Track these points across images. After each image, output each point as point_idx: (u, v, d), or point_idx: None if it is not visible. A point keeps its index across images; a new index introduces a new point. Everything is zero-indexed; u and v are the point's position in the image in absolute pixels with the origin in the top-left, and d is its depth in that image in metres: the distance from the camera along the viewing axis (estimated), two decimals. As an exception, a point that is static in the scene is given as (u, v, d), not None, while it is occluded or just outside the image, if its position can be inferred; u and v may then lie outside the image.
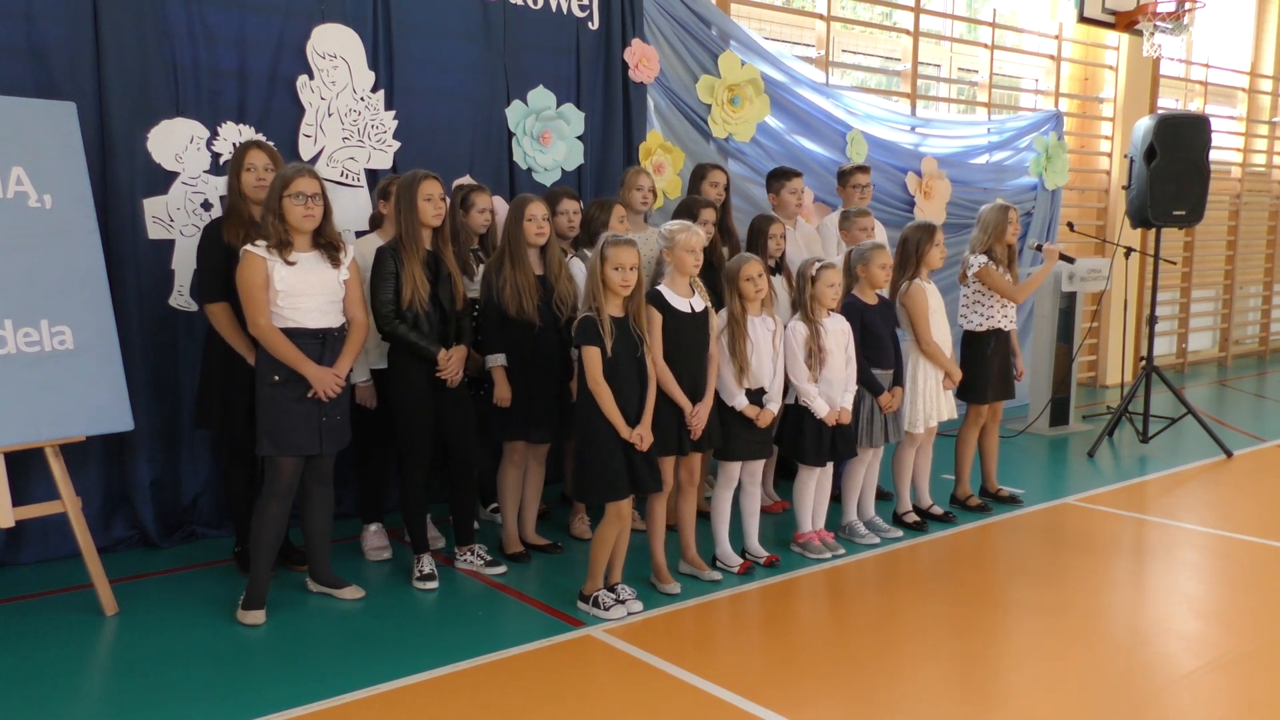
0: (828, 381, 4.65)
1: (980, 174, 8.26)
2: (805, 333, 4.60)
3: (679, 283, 4.23)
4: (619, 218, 4.88)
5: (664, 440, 4.18)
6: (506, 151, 5.64)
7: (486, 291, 4.48)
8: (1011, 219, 5.33)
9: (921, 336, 5.02)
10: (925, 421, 5.07)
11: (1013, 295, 5.34)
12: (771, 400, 4.50)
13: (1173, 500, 5.96)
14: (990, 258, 5.35)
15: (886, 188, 7.43)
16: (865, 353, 4.81)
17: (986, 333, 5.40)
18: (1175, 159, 6.88)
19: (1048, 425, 7.44)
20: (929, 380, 5.08)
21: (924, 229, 5.04)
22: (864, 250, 4.87)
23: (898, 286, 5.06)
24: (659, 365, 4.13)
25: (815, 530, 4.83)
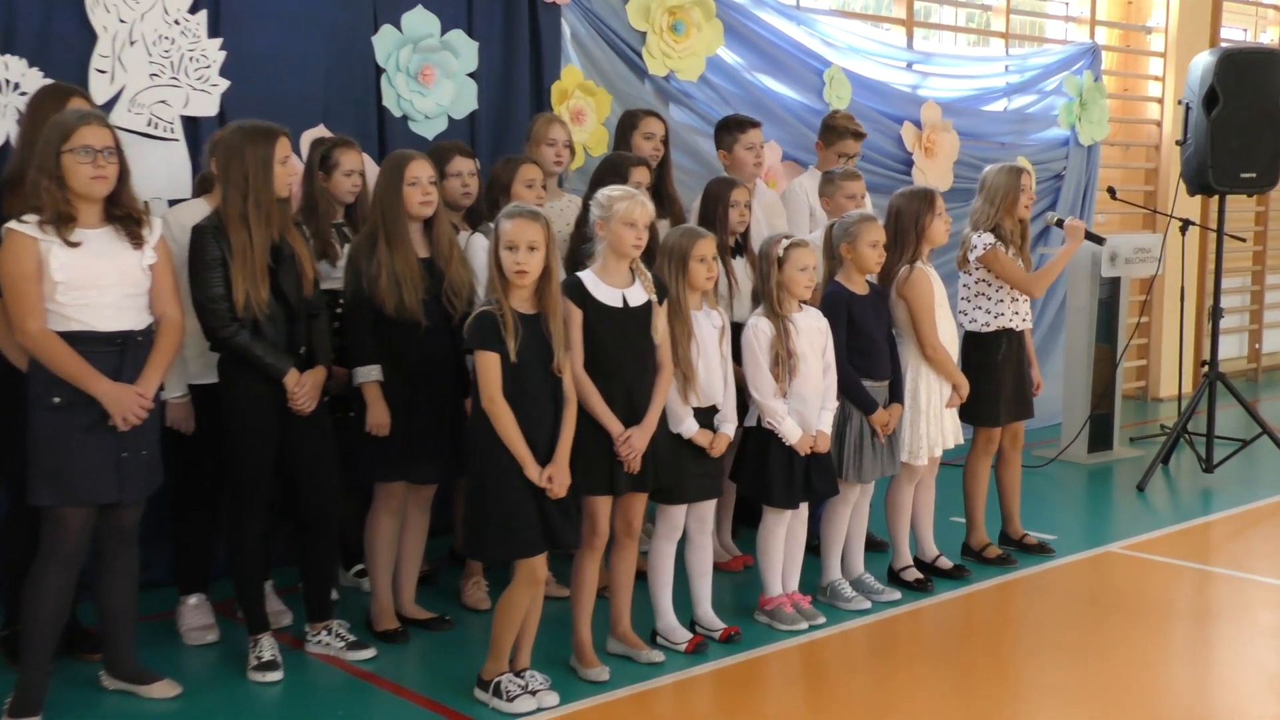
0: (800, 397, 4.66)
1: (996, 125, 8.42)
2: (770, 332, 4.62)
3: (613, 267, 4.22)
4: (526, 181, 4.88)
5: (592, 477, 4.17)
6: (374, 94, 5.61)
7: (354, 282, 4.43)
8: (1024, 185, 5.41)
9: (926, 338, 5.07)
10: (929, 449, 5.13)
11: (1027, 286, 5.41)
12: (726, 420, 4.52)
13: (1245, 546, 6.12)
14: (998, 237, 5.42)
15: (876, 142, 7.51)
16: (852, 358, 4.85)
17: (995, 334, 5.47)
18: (1243, 106, 7.08)
19: (1086, 451, 7.60)
20: (933, 395, 5.13)
21: (921, 197, 5.10)
22: (850, 224, 4.90)
23: (892, 271, 5.11)
24: (578, 378, 4.13)
25: (787, 593, 4.84)
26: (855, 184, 5.50)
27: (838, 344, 4.78)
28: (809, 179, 6.02)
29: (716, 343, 4.48)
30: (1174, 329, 9.10)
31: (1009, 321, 5.45)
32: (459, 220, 4.91)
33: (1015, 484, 5.73)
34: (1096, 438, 7.62)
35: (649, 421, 4.22)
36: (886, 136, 7.61)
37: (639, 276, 4.27)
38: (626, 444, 4.17)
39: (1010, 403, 5.49)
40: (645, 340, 4.24)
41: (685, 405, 4.40)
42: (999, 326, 5.45)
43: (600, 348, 4.16)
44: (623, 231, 4.16)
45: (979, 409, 5.42)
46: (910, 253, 5.08)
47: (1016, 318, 5.48)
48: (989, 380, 5.42)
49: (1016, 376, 5.51)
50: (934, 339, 5.05)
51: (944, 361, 5.09)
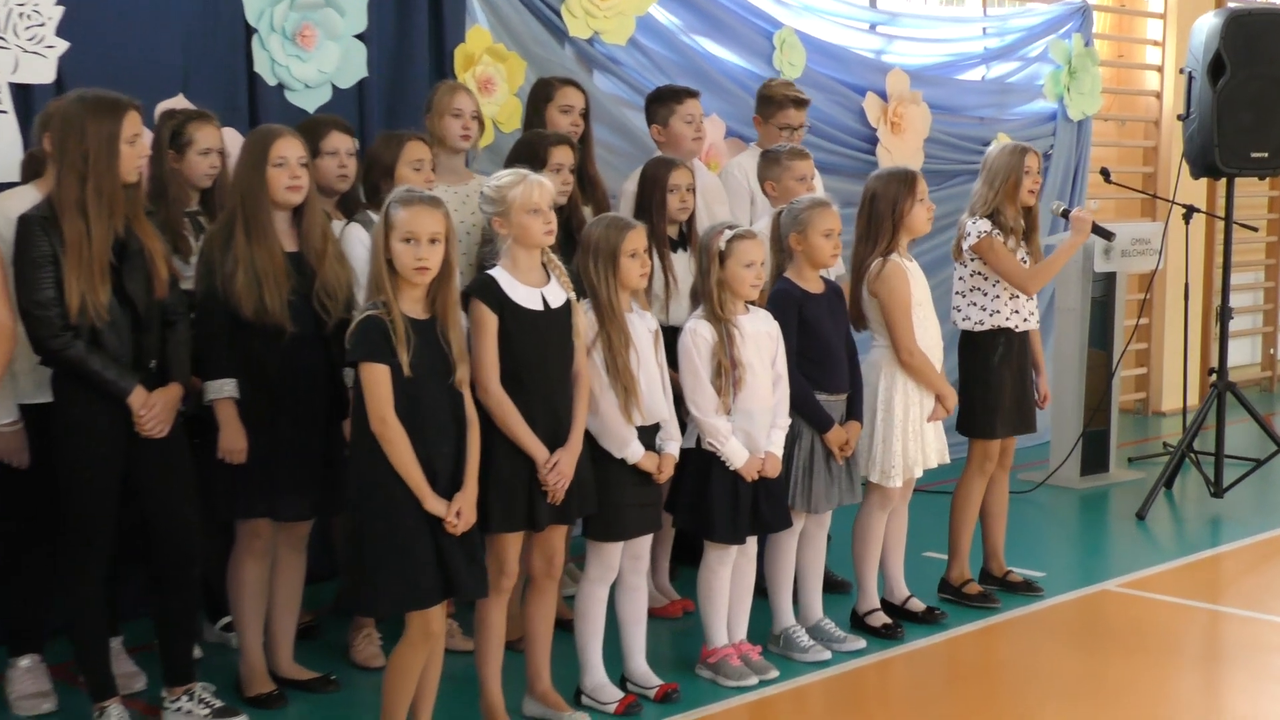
0: (747, 413, 4.66)
1: (973, 96, 8.49)
2: (712, 338, 4.62)
3: (524, 263, 4.23)
4: (413, 161, 4.83)
5: (505, 509, 4.16)
6: (244, 59, 5.55)
7: (206, 280, 4.38)
8: (1030, 167, 5.48)
9: (901, 341, 5.10)
10: (908, 469, 5.16)
11: (1021, 282, 5.48)
12: (670, 438, 4.54)
13: (1260, 582, 6.19)
14: (996, 224, 5.48)
15: (834, 115, 7.57)
16: (804, 367, 4.87)
17: (990, 334, 5.53)
18: (1253, 75, 7.18)
19: (1078, 473, 7.67)
20: (912, 408, 5.16)
21: (900, 179, 5.14)
22: (800, 211, 4.92)
23: (863, 266, 5.14)
24: (492, 394, 4.12)
25: (733, 643, 4.84)
26: (803, 163, 5.51)
27: (788, 351, 4.79)
28: (749, 158, 6.04)
29: (652, 350, 4.50)
30: (1177, 332, 9.22)
31: (1006, 320, 5.50)
32: (332, 208, 4.87)
33: (1001, 512, 5.77)
34: (1090, 458, 7.70)
35: (574, 442, 4.23)
36: (846, 109, 7.65)
37: (553, 271, 4.27)
38: (555, 471, 4.17)
39: (1009, 413, 5.55)
40: (567, 347, 4.25)
41: (629, 425, 4.40)
42: (994, 325, 5.50)
43: (519, 358, 4.16)
44: (527, 221, 4.17)
45: (972, 418, 5.48)
46: (885, 243, 5.11)
47: (1016, 316, 5.53)
48: (983, 386, 5.47)
49: (1016, 384, 5.56)
50: (910, 343, 5.08)
51: (923, 369, 5.12)
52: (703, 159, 6.33)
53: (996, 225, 5.45)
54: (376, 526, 3.88)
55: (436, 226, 3.90)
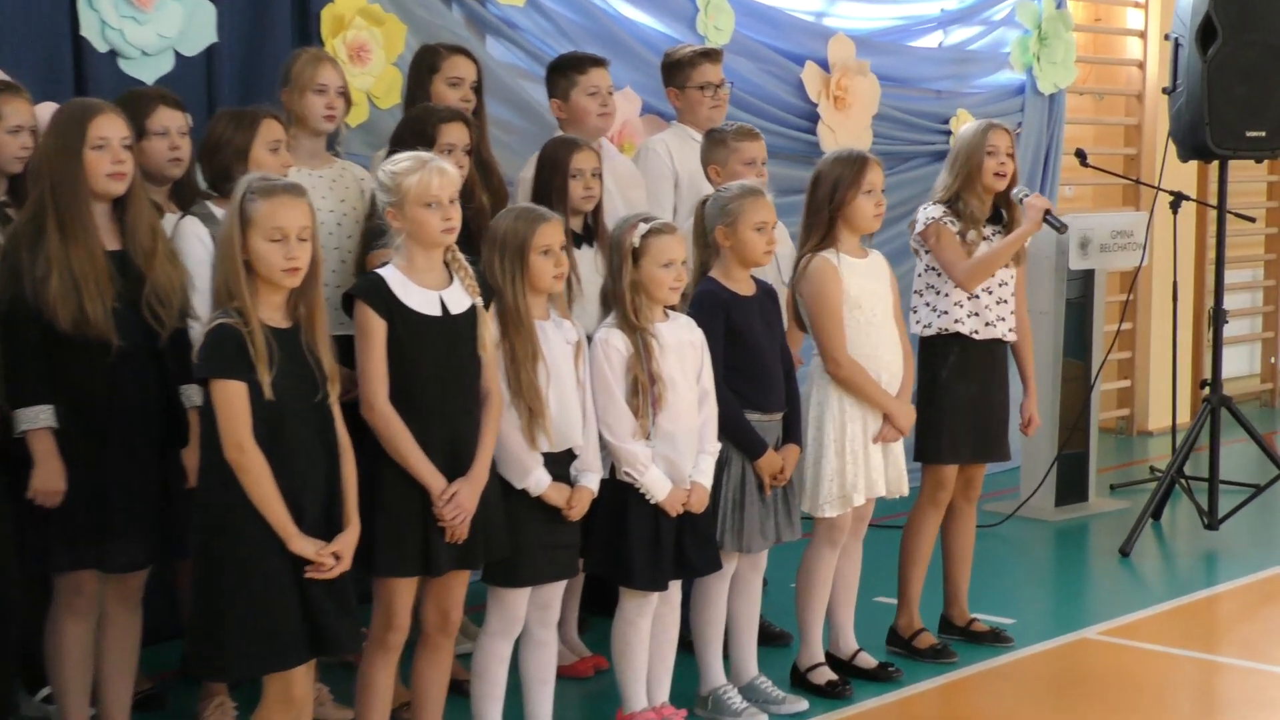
0: (668, 437, 4.67)
1: (929, 66, 8.56)
2: (626, 349, 4.62)
3: (421, 262, 4.23)
4: (271, 143, 4.79)
5: (396, 550, 4.14)
6: (69, 20, 5.48)
7: (12, 287, 4.29)
8: (995, 145, 5.53)
9: (827, 349, 5.12)
10: (842, 500, 5.16)
11: (958, 274, 5.51)
12: (587, 469, 4.55)
13: (1260, 628, 6.28)
14: (953, 212, 5.52)
15: (767, 88, 7.59)
16: (734, 382, 4.88)
17: (939, 339, 5.58)
18: (1248, 43, 7.27)
19: (1052, 503, 7.75)
20: (849, 426, 5.17)
21: (847, 162, 5.17)
22: (728, 200, 4.94)
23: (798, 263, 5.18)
24: (379, 413, 4.12)
25: (654, 707, 4.84)
26: (751, 145, 5.56)
27: (715, 363, 4.79)
28: (672, 136, 6.07)
29: (571, 364, 4.51)
30: (1165, 339, 9.30)
31: (959, 324, 5.54)
32: (163, 198, 4.82)
33: (966, 550, 5.81)
34: (1066, 485, 7.78)
35: (479, 472, 4.23)
36: (782, 82, 7.68)
37: (457, 272, 4.27)
38: (453, 504, 4.16)
39: (965, 435, 5.58)
40: (472, 360, 4.26)
41: (533, 451, 4.40)
42: (942, 329, 5.55)
43: (412, 371, 4.17)
44: (423, 216, 4.16)
45: (920, 439, 5.52)
46: (819, 236, 5.14)
47: (973, 320, 5.56)
48: (930, 401, 5.50)
49: (979, 401, 5.60)
50: (838, 351, 5.10)
51: (859, 382, 5.13)
52: (613, 139, 6.33)
53: (953, 213, 5.50)
54: (229, 573, 3.84)
55: (305, 220, 3.90)
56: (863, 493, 5.17)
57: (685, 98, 6.10)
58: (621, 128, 6.59)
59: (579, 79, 5.69)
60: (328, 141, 5.33)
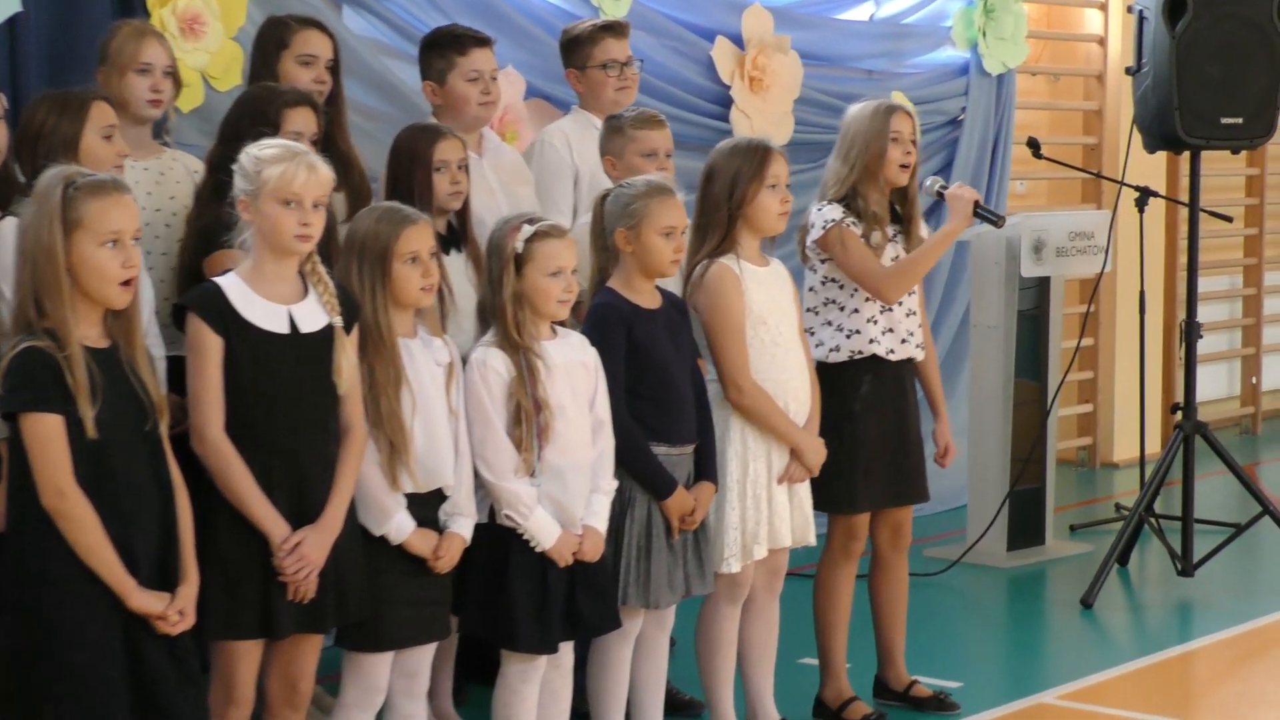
0: (557, 474, 4.66)
1: (859, 42, 8.62)
2: (507, 372, 4.62)
3: (271, 270, 4.22)
4: (104, 129, 4.75)
5: (230, 609, 4.11)
6: None
7: None
8: (899, 131, 5.55)
9: (729, 373, 5.13)
10: (744, 551, 5.17)
11: (877, 284, 5.52)
12: (460, 512, 4.54)
13: (1241, 689, 6.33)
14: (851, 211, 5.53)
15: (672, 68, 7.61)
16: (638, 410, 4.89)
17: (849, 365, 5.57)
18: (1222, 16, 7.36)
19: (1004, 547, 7.81)
20: (759, 468, 5.19)
21: (746, 153, 5.18)
22: (630, 198, 4.94)
23: (690, 267, 5.19)
24: (211, 445, 4.11)
25: (543, 789, 4.84)
26: (654, 133, 5.57)
27: (614, 388, 4.79)
28: (572, 125, 6.08)
29: (442, 390, 4.51)
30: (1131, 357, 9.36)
31: (873, 344, 5.56)
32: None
33: (898, 604, 5.83)
34: (1020, 527, 7.85)
35: (331, 518, 4.21)
36: (689, 60, 7.70)
37: (314, 285, 4.26)
38: (296, 555, 4.13)
39: (881, 476, 5.60)
40: (324, 388, 4.24)
41: (394, 492, 4.39)
42: (854, 352, 5.56)
43: (253, 398, 4.15)
44: (278, 215, 4.15)
45: (826, 484, 5.47)
46: (718, 240, 5.16)
47: (888, 338, 5.58)
48: (839, 439, 5.48)
49: (894, 435, 5.62)
50: (740, 375, 5.12)
51: (765, 412, 5.15)
52: (495, 127, 6.32)
53: (852, 212, 5.52)
54: (46, 639, 3.80)
55: (135, 221, 3.89)
56: (765, 544, 5.19)
57: (587, 79, 6.12)
58: (503, 114, 6.58)
59: (458, 60, 5.69)
60: (154, 129, 5.30)
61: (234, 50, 6.10)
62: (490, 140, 5.92)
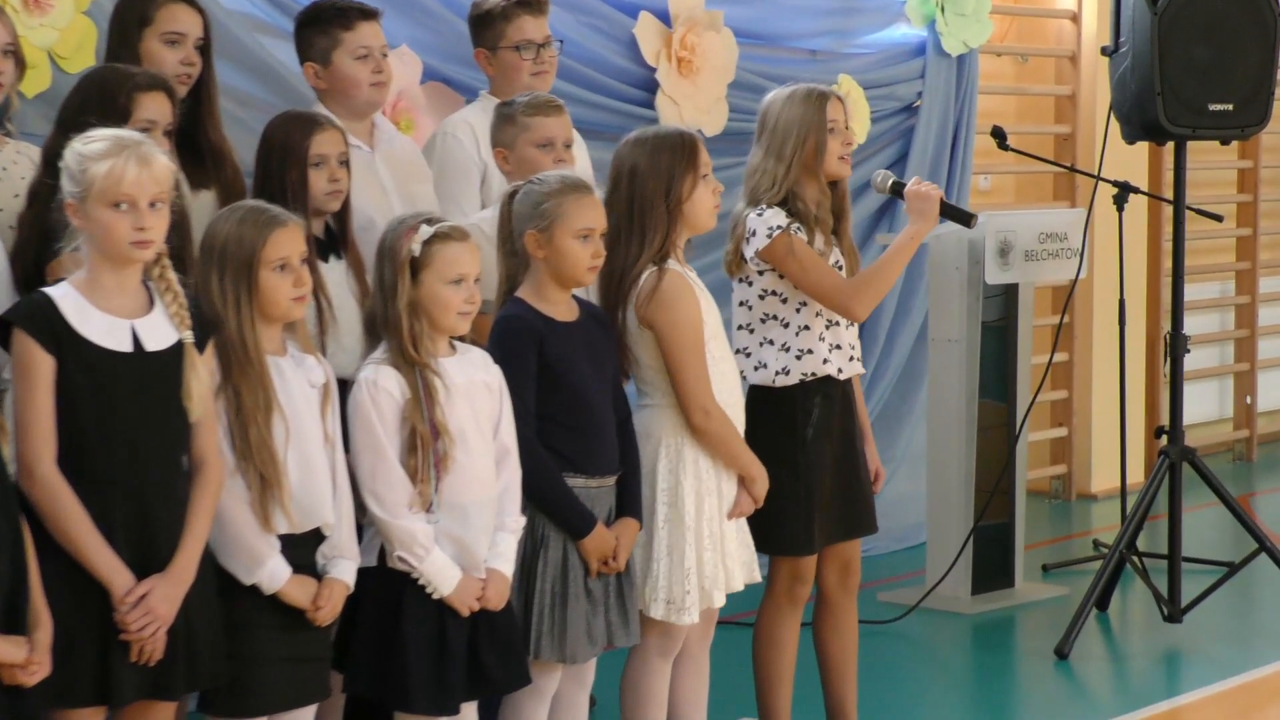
0: (457, 510, 4.66)
1: (801, 18, 8.64)
2: (400, 393, 4.61)
3: (109, 280, 4.19)
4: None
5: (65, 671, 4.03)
6: None
7: None
8: (834, 122, 5.58)
9: (695, 396, 5.14)
10: (704, 597, 5.18)
11: (844, 301, 5.53)
12: (340, 554, 4.53)
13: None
14: (793, 215, 5.54)
15: (590, 49, 7.63)
16: (551, 437, 4.90)
17: (799, 389, 5.59)
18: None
19: (968, 590, 7.84)
20: (705, 500, 5.20)
21: (674, 146, 5.20)
22: (542, 196, 4.95)
23: (627, 279, 5.17)
24: (41, 482, 4.07)
25: None
26: (552, 120, 5.56)
27: (522, 411, 4.80)
28: (480, 114, 6.06)
29: (317, 415, 4.50)
30: (1110, 374, 9.46)
31: (826, 364, 5.58)
32: None
33: (848, 654, 5.85)
34: (986, 567, 7.87)
35: (182, 567, 4.19)
36: (610, 40, 7.72)
37: (162, 295, 4.24)
38: (140, 610, 4.10)
39: (832, 510, 5.62)
40: (174, 413, 4.21)
41: (266, 533, 4.37)
42: (805, 375, 5.57)
43: (90, 427, 4.11)
44: (108, 219, 4.12)
45: (775, 524, 5.49)
46: (657, 245, 5.15)
47: (837, 355, 5.61)
48: (791, 472, 5.51)
49: (843, 463, 5.66)
50: (706, 398, 5.14)
51: (725, 436, 5.18)
52: (388, 114, 6.30)
53: (795, 217, 5.52)
54: None
55: None
56: (723, 587, 5.22)
57: (499, 61, 6.12)
58: (396, 99, 6.56)
59: (343, 37, 5.67)
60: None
61: (86, 27, 6.06)
62: (384, 130, 5.90)
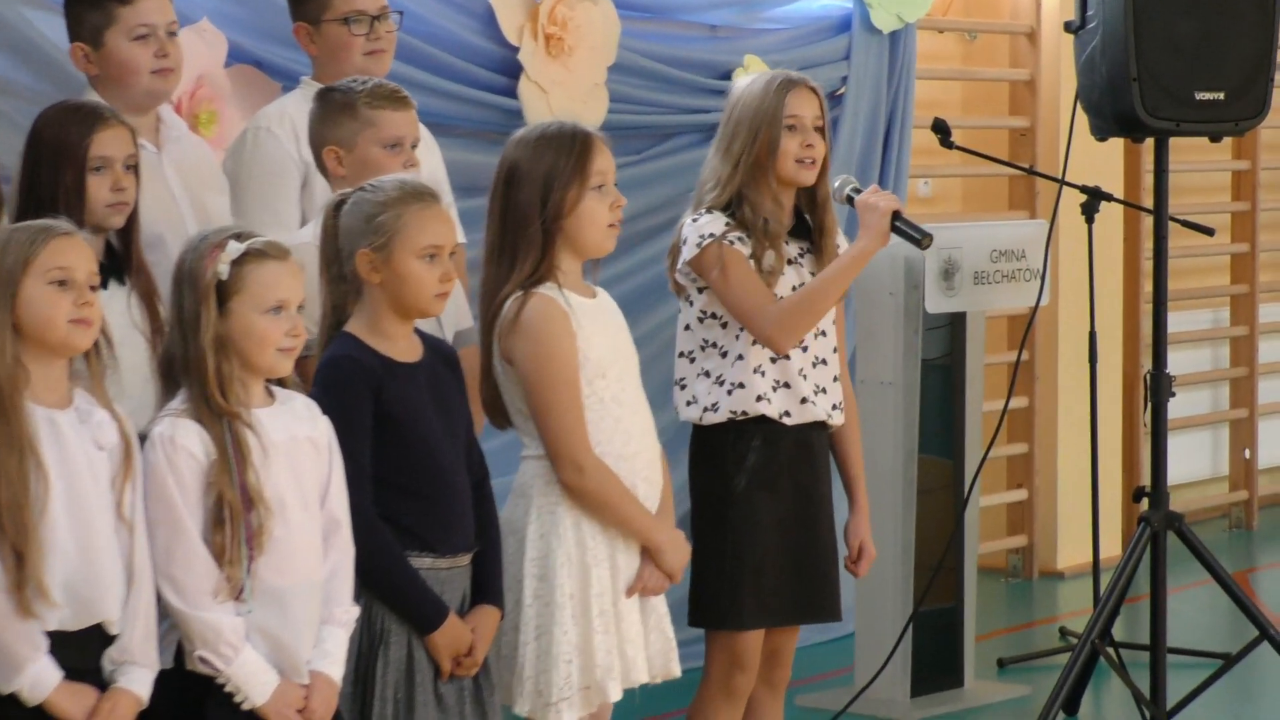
0: (275, 597, 4.64)
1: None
2: (204, 452, 4.59)
3: None
4: None
5: None
6: None
7: None
8: (797, 113, 5.66)
9: (564, 449, 5.18)
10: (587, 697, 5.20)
11: (764, 325, 5.61)
12: (133, 659, 4.49)
13: None
14: (738, 224, 5.63)
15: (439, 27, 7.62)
16: (394, 506, 4.92)
17: (730, 428, 5.68)
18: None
19: (908, 691, 7.88)
20: (601, 575, 5.23)
21: (559, 146, 5.25)
22: (376, 207, 4.96)
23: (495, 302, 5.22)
24: None
25: None
26: (400, 115, 5.60)
27: (355, 474, 4.81)
28: (299, 104, 6.09)
29: (105, 485, 4.47)
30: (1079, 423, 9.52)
31: (760, 403, 5.66)
32: None
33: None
34: (929, 662, 7.94)
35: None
36: (463, 13, 7.76)
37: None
38: None
39: (775, 581, 5.68)
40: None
41: (26, 622, 4.33)
42: (735, 413, 5.65)
43: None
44: None
45: (699, 589, 5.58)
46: (528, 267, 5.19)
47: (783, 396, 5.69)
48: (716, 527, 5.60)
49: (795, 527, 5.72)
50: (576, 449, 5.17)
51: (612, 500, 5.21)
52: (180, 107, 6.30)
53: (739, 224, 5.61)
54: None
55: None
56: (620, 680, 5.24)
57: (324, 37, 6.14)
58: (195, 87, 6.55)
59: (119, 12, 5.67)
60: None
61: None
62: (173, 127, 5.90)
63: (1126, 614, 7.81)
